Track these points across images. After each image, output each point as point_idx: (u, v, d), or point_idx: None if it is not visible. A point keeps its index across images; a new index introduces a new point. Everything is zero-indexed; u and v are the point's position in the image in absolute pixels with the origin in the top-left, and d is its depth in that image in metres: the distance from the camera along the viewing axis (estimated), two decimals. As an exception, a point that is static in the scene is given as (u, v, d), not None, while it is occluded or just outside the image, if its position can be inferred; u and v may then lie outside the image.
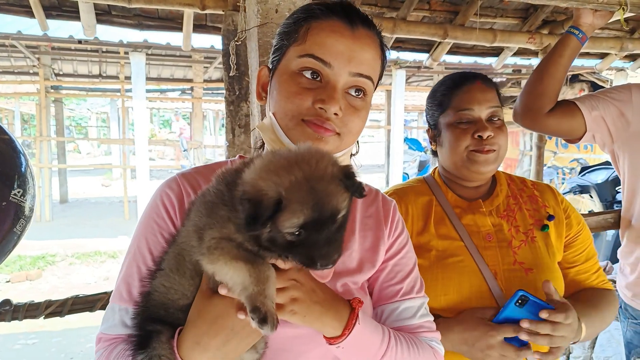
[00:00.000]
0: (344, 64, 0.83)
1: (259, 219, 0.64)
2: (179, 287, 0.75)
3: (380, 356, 0.82)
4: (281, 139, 0.86)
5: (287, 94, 0.85)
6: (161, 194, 0.89)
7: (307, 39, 0.85)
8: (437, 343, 0.94)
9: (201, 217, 0.73)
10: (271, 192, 0.65)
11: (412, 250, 1.01)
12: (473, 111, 1.30)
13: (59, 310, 1.37)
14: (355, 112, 0.87)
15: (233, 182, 0.71)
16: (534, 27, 3.60)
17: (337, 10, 0.86)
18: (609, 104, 1.69)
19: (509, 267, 1.26)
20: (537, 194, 1.42)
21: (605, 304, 1.34)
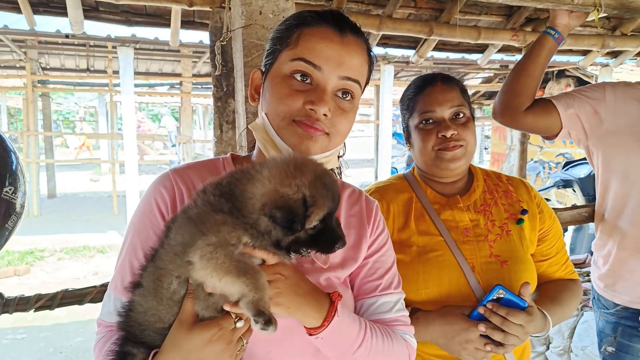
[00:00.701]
0: (333, 68, 0.88)
1: (296, 221, 0.71)
2: (155, 311, 0.79)
3: (357, 346, 0.87)
4: (273, 138, 0.90)
5: (279, 96, 0.89)
6: (154, 191, 0.93)
7: (299, 44, 0.89)
8: (411, 336, 1.00)
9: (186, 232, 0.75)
10: (296, 195, 0.72)
11: (391, 248, 1.06)
12: (435, 112, 1.36)
13: (49, 303, 1.40)
14: (343, 114, 0.91)
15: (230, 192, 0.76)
16: (518, 24, 3.66)
17: (327, 18, 0.91)
18: (584, 102, 1.75)
19: (486, 260, 1.32)
20: (511, 189, 1.47)
21: (569, 296, 1.42)
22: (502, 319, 1.18)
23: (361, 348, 0.87)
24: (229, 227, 0.72)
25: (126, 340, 0.80)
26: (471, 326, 1.19)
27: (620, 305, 1.75)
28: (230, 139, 2.69)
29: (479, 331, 1.19)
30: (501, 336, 1.18)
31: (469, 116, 1.39)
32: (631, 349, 1.71)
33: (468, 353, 1.20)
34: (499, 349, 1.20)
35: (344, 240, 0.79)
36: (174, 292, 0.77)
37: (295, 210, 0.72)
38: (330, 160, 0.95)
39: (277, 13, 1.32)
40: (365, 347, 0.87)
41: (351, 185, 1.08)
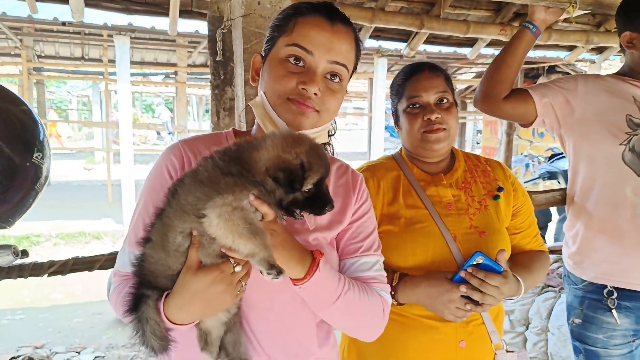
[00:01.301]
0: (323, 52, 1.01)
1: (296, 181, 0.85)
2: (164, 261, 0.91)
3: (336, 298, 1.00)
4: (270, 114, 1.03)
5: (276, 77, 1.02)
6: (165, 158, 1.06)
7: (294, 31, 1.02)
8: (386, 293, 1.12)
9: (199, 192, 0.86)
10: (295, 161, 0.86)
11: (373, 217, 1.19)
12: (422, 97, 1.49)
13: (61, 269, 1.52)
14: (332, 94, 1.04)
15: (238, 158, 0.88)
16: (506, 19, 3.80)
17: (320, 8, 1.04)
18: (557, 92, 1.89)
19: (466, 231, 1.46)
20: (489, 169, 1.61)
21: (538, 264, 1.58)
22: (480, 281, 1.31)
23: (339, 300, 1.00)
24: (240, 187, 0.84)
25: (141, 284, 0.92)
26: (453, 288, 1.33)
27: (587, 281, 1.89)
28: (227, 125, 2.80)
29: (460, 292, 1.32)
30: (479, 296, 1.31)
31: (452, 102, 1.53)
32: (595, 320, 1.86)
33: (450, 312, 1.34)
34: (478, 308, 1.33)
35: (332, 203, 0.92)
36: (179, 244, 0.89)
37: (295, 172, 0.85)
38: (320, 135, 1.07)
39: (274, 4, 1.44)
40: (343, 299, 1.00)
41: (340, 160, 1.22)
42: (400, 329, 1.43)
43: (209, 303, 0.89)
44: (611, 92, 1.85)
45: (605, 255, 1.84)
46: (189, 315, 0.91)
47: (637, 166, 1.77)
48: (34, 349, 3.83)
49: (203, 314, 0.92)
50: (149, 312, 0.90)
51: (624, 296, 1.82)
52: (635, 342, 1.86)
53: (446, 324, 1.39)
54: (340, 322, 1.08)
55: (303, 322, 1.06)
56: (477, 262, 1.33)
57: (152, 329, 0.89)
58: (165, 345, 0.91)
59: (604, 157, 1.83)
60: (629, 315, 1.82)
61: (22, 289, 5.07)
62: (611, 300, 1.83)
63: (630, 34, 1.86)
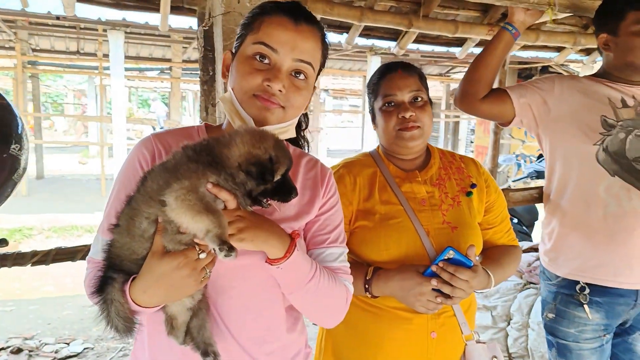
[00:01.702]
0: (287, 51, 1.05)
1: (267, 173, 0.93)
2: (129, 246, 0.95)
3: (309, 280, 1.04)
4: (237, 109, 1.07)
5: (243, 74, 1.06)
6: (137, 151, 1.10)
7: (260, 29, 1.06)
8: (349, 283, 1.17)
9: (162, 178, 0.91)
10: (265, 155, 0.92)
11: (340, 210, 1.23)
12: (396, 96, 1.53)
13: (44, 259, 1.56)
14: (297, 90, 1.08)
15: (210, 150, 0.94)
16: (494, 20, 3.83)
17: (285, 8, 1.08)
18: (535, 93, 1.93)
19: (439, 226, 1.51)
20: (463, 166, 1.66)
21: (509, 259, 1.62)
22: (450, 275, 1.35)
23: (311, 282, 1.04)
24: (199, 173, 0.89)
25: (109, 268, 0.97)
26: (424, 281, 1.37)
27: (561, 277, 1.94)
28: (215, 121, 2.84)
29: (431, 285, 1.36)
30: (449, 289, 1.36)
31: (426, 100, 1.57)
32: (567, 314, 1.91)
33: (421, 304, 1.38)
34: (448, 301, 1.38)
35: (296, 190, 0.99)
36: (145, 230, 0.93)
37: (266, 166, 0.92)
38: (287, 130, 1.12)
39: (254, 2, 1.48)
40: (314, 281, 1.05)
41: (309, 155, 1.26)
42: (374, 320, 1.48)
43: (173, 287, 0.93)
44: (586, 93, 1.89)
45: (578, 252, 1.89)
46: (153, 298, 0.95)
47: (610, 166, 1.82)
48: (24, 340, 3.86)
49: (167, 297, 0.96)
50: (114, 293, 0.94)
51: (596, 292, 1.87)
52: (605, 336, 1.91)
53: (418, 316, 1.44)
54: (308, 305, 1.12)
55: (271, 308, 1.11)
56: (448, 257, 1.38)
57: (116, 310, 0.93)
58: (129, 326, 0.95)
59: (578, 156, 1.87)
60: (599, 310, 1.87)
61: (12, 281, 5.10)
62: (583, 296, 1.88)
63: (606, 36, 1.91)
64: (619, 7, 1.86)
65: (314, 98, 9.07)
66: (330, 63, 10.71)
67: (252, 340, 1.08)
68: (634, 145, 1.81)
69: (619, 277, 1.83)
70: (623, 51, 1.85)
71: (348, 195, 1.52)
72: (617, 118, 1.83)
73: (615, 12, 1.87)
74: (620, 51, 1.86)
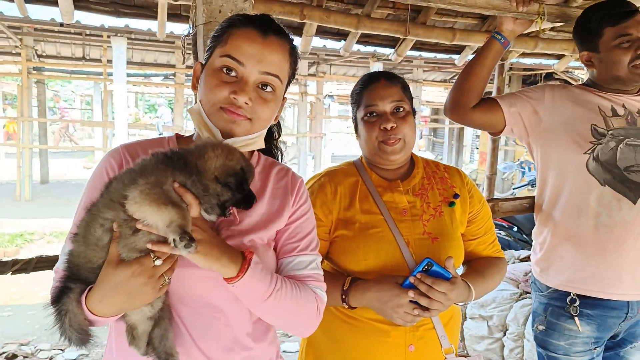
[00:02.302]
0: (254, 64, 1.05)
1: (244, 183, 0.97)
2: (85, 254, 0.95)
3: (267, 296, 1.02)
4: (205, 121, 1.07)
5: (210, 86, 1.06)
6: (105, 162, 1.11)
7: (228, 42, 1.06)
8: (321, 291, 1.15)
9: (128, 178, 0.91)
10: (237, 167, 0.96)
11: (312, 218, 1.22)
12: (378, 106, 1.52)
13: (25, 267, 1.56)
14: (264, 103, 1.08)
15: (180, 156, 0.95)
16: (493, 27, 3.82)
17: (254, 20, 1.08)
18: (525, 102, 1.92)
19: (419, 237, 1.49)
20: (447, 176, 1.64)
21: (493, 271, 1.59)
22: (428, 287, 1.33)
23: (271, 298, 1.03)
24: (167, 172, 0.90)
25: (67, 277, 0.97)
26: (402, 293, 1.35)
27: (552, 288, 1.92)
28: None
29: (408, 297, 1.34)
30: (427, 302, 1.34)
31: (408, 110, 1.56)
32: (558, 327, 1.89)
33: (399, 316, 1.36)
34: (425, 313, 1.36)
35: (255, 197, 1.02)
36: (99, 238, 0.93)
37: (242, 176, 0.97)
38: (255, 141, 1.12)
39: (235, 12, 1.48)
40: (275, 297, 1.03)
41: (281, 164, 1.26)
42: (352, 332, 1.46)
43: (130, 296, 0.92)
44: (577, 102, 1.88)
45: (569, 263, 1.87)
46: (110, 307, 0.94)
47: (601, 175, 1.80)
48: (19, 345, 3.86)
49: (124, 306, 0.95)
50: (70, 304, 0.93)
51: (586, 304, 1.84)
52: (596, 349, 1.88)
53: (396, 328, 1.42)
54: (272, 319, 1.11)
55: (238, 318, 1.09)
56: (426, 268, 1.36)
57: (70, 321, 0.93)
58: (83, 337, 0.94)
59: (569, 165, 1.85)
60: (590, 323, 1.84)
61: (11, 286, 5.12)
62: (574, 308, 1.85)
63: (588, 54, 1.92)
64: (594, 25, 1.86)
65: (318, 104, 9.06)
66: (334, 69, 10.74)
67: (219, 350, 1.07)
68: (625, 155, 1.79)
69: (609, 289, 1.81)
70: (606, 66, 1.85)
71: (328, 204, 1.51)
72: (607, 127, 1.82)
73: (591, 31, 1.87)
74: (604, 66, 1.86)
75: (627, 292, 1.80)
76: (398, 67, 10.47)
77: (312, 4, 3.08)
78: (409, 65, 10.05)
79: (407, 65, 10.17)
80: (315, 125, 11.96)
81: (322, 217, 1.49)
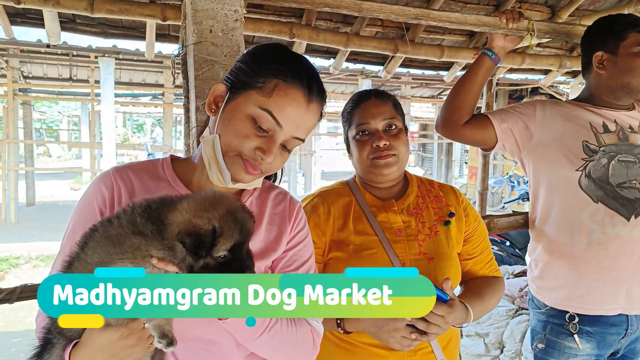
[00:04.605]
0: (291, 129, 1.00)
1: (202, 248, 0.82)
2: None
3: (260, 334, 0.98)
4: (217, 158, 1.00)
5: (237, 132, 0.99)
6: (95, 188, 1.05)
7: (273, 95, 0.98)
8: (317, 322, 1.11)
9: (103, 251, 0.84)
10: (206, 226, 0.83)
11: (309, 244, 1.18)
12: (370, 124, 1.49)
13: (8, 297, 1.50)
14: (281, 158, 1.04)
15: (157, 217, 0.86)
16: (480, 44, 3.86)
17: (302, 77, 1.00)
18: (517, 118, 1.91)
19: (415, 257, 1.46)
20: (441, 194, 1.62)
21: (490, 291, 1.55)
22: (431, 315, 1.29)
23: (264, 334, 0.98)
24: (142, 251, 0.82)
25: (51, 330, 0.91)
26: None
27: (549, 305, 1.89)
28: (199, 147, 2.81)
29: (405, 321, 1.31)
30: (424, 325, 1.29)
31: (400, 127, 1.54)
32: (558, 345, 1.85)
33: (395, 341, 1.31)
34: (423, 337, 1.32)
35: (252, 269, 0.89)
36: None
37: (203, 238, 0.82)
38: (259, 182, 1.10)
39: (226, 32, 1.46)
40: (267, 333, 0.99)
41: (280, 188, 1.21)
42: (347, 357, 1.42)
43: (117, 357, 0.87)
44: (568, 118, 1.87)
45: (564, 280, 1.84)
46: None
47: (593, 192, 1.79)
48: (4, 375, 3.74)
49: None
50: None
51: (585, 321, 1.81)
52: (596, 367, 1.85)
53: (393, 353, 1.37)
54: (267, 355, 1.07)
55: (233, 352, 1.05)
56: None
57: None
58: None
59: (561, 182, 1.84)
60: (590, 340, 1.82)
61: (-4, 312, 4.99)
62: (573, 325, 1.82)
63: (602, 55, 1.86)
64: (619, 27, 1.83)
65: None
66: (323, 87, 10.76)
67: None
68: (617, 171, 1.79)
69: (605, 305, 1.79)
70: (621, 71, 1.82)
71: (321, 225, 1.48)
72: (598, 143, 1.81)
73: (614, 32, 1.84)
74: (618, 71, 1.83)
75: (623, 305, 1.79)
76: (387, 84, 10.56)
77: (301, 23, 3.09)
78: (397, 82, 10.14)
79: (396, 82, 10.26)
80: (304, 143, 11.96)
81: (316, 239, 1.45)
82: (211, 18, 1.45)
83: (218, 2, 1.44)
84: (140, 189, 1.05)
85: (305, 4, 1.92)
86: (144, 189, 1.05)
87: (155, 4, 2.59)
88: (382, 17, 2.08)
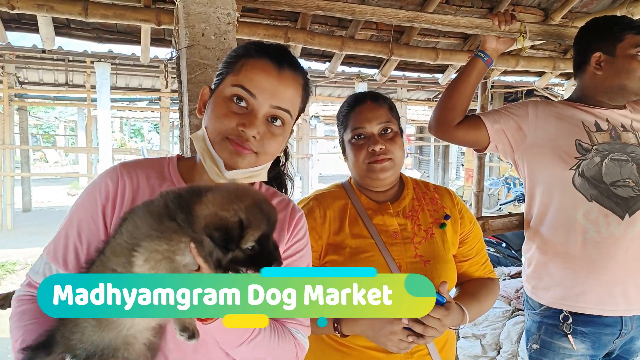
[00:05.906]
0: (266, 97, 1.01)
1: (231, 240, 0.81)
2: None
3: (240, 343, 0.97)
4: (209, 149, 1.02)
5: (218, 115, 1.02)
6: (102, 180, 1.05)
7: (241, 72, 1.02)
8: (303, 336, 1.09)
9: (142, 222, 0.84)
10: (233, 218, 0.82)
11: (307, 255, 1.17)
12: (365, 128, 1.49)
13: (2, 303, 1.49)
14: (273, 137, 1.04)
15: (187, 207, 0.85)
16: (474, 46, 3.88)
17: (270, 51, 1.04)
18: (509, 119, 1.92)
19: (411, 260, 1.46)
20: (437, 196, 1.62)
21: (486, 292, 1.56)
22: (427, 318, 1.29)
23: (243, 345, 0.98)
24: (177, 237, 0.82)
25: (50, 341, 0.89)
26: (395, 319, 1.31)
27: (544, 305, 1.90)
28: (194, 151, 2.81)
29: (402, 324, 1.30)
30: (421, 328, 1.30)
31: (396, 131, 1.54)
32: (553, 345, 1.86)
33: (392, 344, 1.32)
34: (420, 340, 1.32)
35: (279, 261, 0.88)
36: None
37: (231, 232, 0.81)
38: (259, 174, 1.07)
39: (218, 35, 1.47)
40: (248, 344, 0.98)
41: (283, 196, 1.21)
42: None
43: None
44: (561, 118, 1.88)
45: (559, 280, 1.85)
46: None
47: (587, 191, 1.79)
48: (-1, 382, 3.71)
49: None
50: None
51: (580, 321, 1.82)
52: (592, 367, 1.86)
53: (390, 356, 1.38)
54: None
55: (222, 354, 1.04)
56: None
57: None
58: None
59: (555, 182, 1.85)
60: (584, 340, 1.82)
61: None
62: (567, 326, 1.83)
63: (600, 55, 1.87)
64: (617, 28, 1.84)
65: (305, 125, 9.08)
66: (320, 90, 10.81)
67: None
68: (611, 170, 1.79)
69: (601, 305, 1.79)
70: (617, 72, 1.83)
71: (317, 229, 1.48)
72: (591, 142, 1.82)
73: (613, 33, 1.85)
74: (614, 72, 1.83)
75: (619, 307, 1.79)
76: (382, 87, 10.59)
77: (296, 27, 3.09)
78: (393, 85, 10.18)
79: (392, 85, 10.30)
80: (302, 146, 11.99)
81: (312, 243, 1.44)
82: (203, 21, 1.45)
83: (210, 6, 1.45)
84: (145, 188, 1.06)
85: (298, 7, 1.93)
86: (148, 188, 1.06)
87: (150, 9, 2.59)
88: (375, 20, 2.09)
